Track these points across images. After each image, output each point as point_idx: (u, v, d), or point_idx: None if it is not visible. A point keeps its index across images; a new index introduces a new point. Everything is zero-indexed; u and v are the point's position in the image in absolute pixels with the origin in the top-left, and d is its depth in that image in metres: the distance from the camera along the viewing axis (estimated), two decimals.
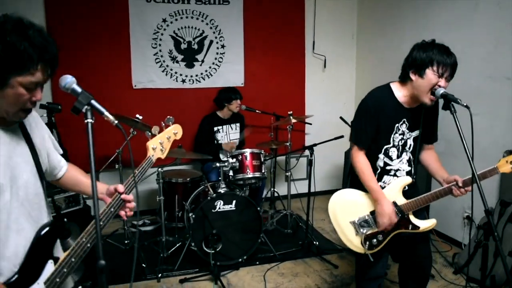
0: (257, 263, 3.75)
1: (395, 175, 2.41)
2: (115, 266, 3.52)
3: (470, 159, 1.90)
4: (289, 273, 3.60)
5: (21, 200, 1.43)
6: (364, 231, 2.38)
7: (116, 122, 1.42)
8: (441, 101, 2.15)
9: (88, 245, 1.47)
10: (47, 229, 1.50)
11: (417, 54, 2.19)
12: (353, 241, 2.42)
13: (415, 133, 2.37)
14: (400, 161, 2.39)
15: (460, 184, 2.16)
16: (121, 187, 1.58)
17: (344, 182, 4.35)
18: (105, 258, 1.19)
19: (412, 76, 2.22)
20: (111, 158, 3.96)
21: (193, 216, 3.54)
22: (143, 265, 3.62)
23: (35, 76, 1.30)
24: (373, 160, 2.40)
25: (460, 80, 3.74)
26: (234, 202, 3.65)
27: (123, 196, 1.57)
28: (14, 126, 1.45)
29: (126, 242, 4.03)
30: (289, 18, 5.35)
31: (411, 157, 2.41)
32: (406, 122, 2.33)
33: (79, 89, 1.39)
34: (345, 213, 2.44)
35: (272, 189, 4.67)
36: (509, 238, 3.20)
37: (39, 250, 1.48)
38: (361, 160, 2.37)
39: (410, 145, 2.38)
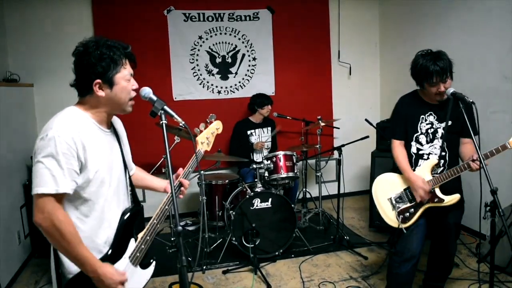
0: (292, 256, 4.06)
1: (428, 158, 2.76)
2: (163, 261, 3.88)
3: (476, 144, 2.36)
4: (322, 264, 3.90)
5: (114, 189, 1.80)
6: (399, 206, 2.80)
7: (183, 122, 1.81)
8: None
9: (158, 225, 1.84)
10: (128, 214, 1.85)
11: (413, 70, 2.69)
12: (390, 216, 2.83)
13: (444, 124, 2.71)
14: (432, 146, 2.75)
15: (475, 158, 2.47)
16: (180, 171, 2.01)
17: (372, 183, 4.59)
18: (154, 253, 1.72)
19: (420, 86, 2.73)
20: (158, 163, 4.40)
21: (234, 213, 3.89)
22: (189, 258, 3.98)
23: (127, 69, 1.74)
24: (408, 148, 2.83)
25: (477, 80, 4.06)
26: (270, 200, 3.98)
27: (181, 179, 1.98)
28: (111, 130, 1.85)
29: (172, 239, 4.42)
30: (315, 30, 5.69)
31: (445, 143, 2.73)
32: (433, 114, 2.73)
33: (155, 98, 1.79)
34: (384, 191, 2.89)
35: (304, 189, 4.98)
36: None
37: (124, 231, 1.82)
38: (397, 148, 2.84)
39: (442, 133, 2.72)
